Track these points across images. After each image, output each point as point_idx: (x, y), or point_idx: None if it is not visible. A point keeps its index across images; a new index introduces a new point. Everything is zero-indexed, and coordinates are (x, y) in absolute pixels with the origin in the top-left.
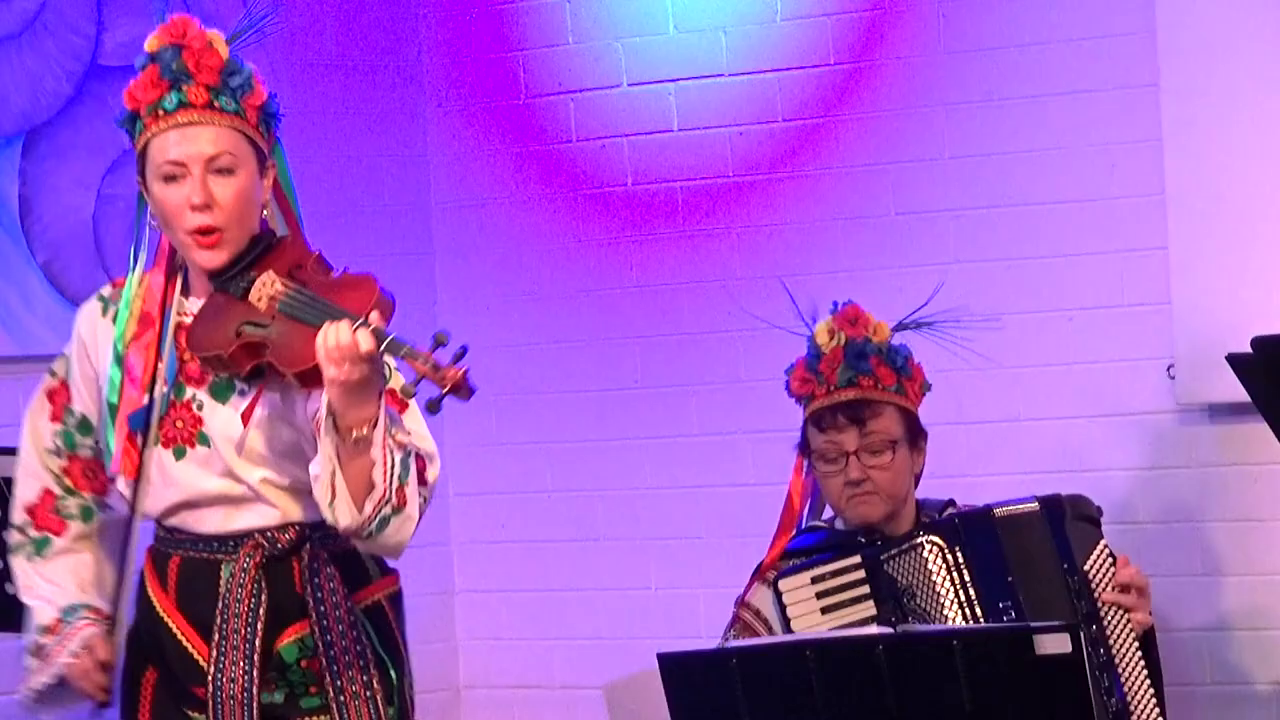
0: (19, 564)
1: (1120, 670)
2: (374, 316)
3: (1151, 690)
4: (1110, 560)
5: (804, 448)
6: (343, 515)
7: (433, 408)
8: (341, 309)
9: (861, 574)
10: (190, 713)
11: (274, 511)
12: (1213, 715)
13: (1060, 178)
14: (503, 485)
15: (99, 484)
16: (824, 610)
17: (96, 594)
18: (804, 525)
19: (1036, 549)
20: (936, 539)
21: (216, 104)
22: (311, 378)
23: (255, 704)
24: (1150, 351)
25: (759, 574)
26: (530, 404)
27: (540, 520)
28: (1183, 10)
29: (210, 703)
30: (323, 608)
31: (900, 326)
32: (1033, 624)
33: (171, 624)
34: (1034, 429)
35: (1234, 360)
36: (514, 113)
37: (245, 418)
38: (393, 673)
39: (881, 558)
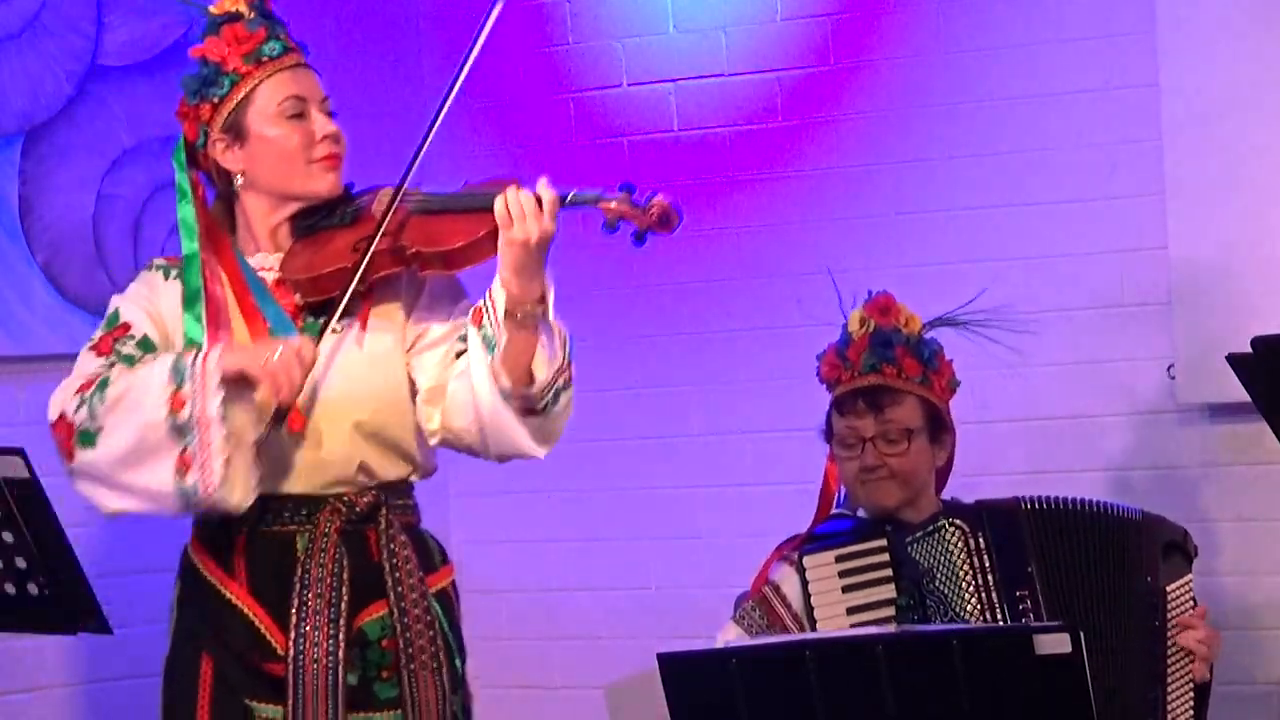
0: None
1: (1169, 689)
2: (543, 180)
3: (1192, 715)
4: (1191, 598)
5: (827, 433)
6: (537, 368)
7: (640, 237)
8: (489, 190)
9: (886, 556)
10: (252, 702)
11: (354, 464)
12: (1213, 715)
13: (1060, 178)
14: (503, 485)
15: None
16: (845, 589)
17: None
18: (834, 512)
19: (1129, 555)
20: (960, 522)
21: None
22: (462, 256)
23: (341, 682)
24: (1150, 351)
25: (778, 552)
26: None
27: (540, 520)
28: (1183, 10)
29: (291, 681)
30: (398, 576)
31: (933, 323)
32: (1032, 624)
33: (241, 606)
34: (1033, 428)
35: (1234, 360)
36: (514, 112)
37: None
38: (458, 660)
39: (906, 540)
